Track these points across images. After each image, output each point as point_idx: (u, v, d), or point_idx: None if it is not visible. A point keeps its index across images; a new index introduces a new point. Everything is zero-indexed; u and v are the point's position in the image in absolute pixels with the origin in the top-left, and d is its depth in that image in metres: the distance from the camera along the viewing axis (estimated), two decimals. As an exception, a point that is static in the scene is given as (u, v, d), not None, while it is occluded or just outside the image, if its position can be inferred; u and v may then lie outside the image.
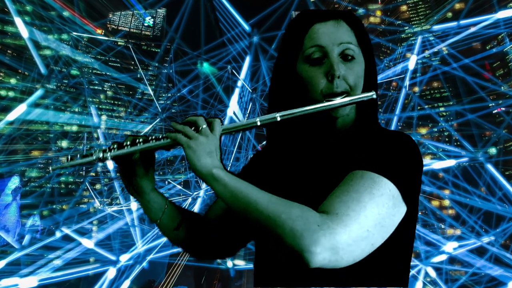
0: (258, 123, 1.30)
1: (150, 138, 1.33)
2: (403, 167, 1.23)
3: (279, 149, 1.44)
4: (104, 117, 15.13)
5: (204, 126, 1.27)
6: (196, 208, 12.50)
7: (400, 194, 1.19)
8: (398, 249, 1.28)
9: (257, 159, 1.58)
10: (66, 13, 13.51)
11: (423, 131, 14.87)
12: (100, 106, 17.27)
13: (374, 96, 1.32)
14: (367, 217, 1.13)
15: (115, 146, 1.33)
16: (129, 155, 1.33)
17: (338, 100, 1.30)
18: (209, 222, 1.55)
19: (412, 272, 10.90)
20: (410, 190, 1.23)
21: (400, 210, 1.20)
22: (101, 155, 1.31)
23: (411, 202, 1.24)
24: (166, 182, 13.50)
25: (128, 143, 1.33)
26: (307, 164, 1.38)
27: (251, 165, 1.58)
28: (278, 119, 1.29)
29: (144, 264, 11.95)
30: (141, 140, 1.32)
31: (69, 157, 1.33)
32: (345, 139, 1.37)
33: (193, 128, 1.28)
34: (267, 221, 1.14)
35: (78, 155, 1.33)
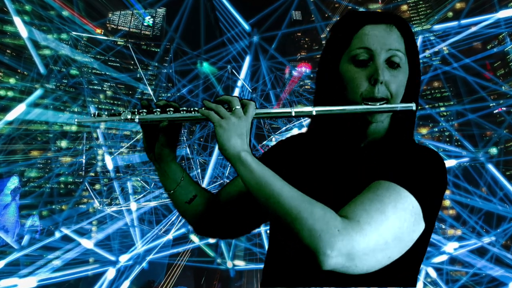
0: (293, 114, 1.30)
1: (181, 109, 1.32)
2: (428, 185, 1.22)
3: (310, 143, 1.44)
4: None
5: (238, 107, 1.26)
6: None
7: (421, 212, 1.19)
8: (409, 262, 1.27)
9: (287, 145, 1.56)
10: (65, 13, 13.50)
11: (424, 131, 14.87)
12: (99, 106, 17.25)
13: (414, 108, 1.31)
14: (388, 229, 1.13)
15: (145, 110, 1.31)
16: (156, 121, 1.31)
17: (377, 106, 1.29)
18: (222, 201, 1.54)
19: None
20: (431, 209, 1.23)
21: (419, 227, 1.20)
22: (129, 116, 1.29)
23: (430, 221, 1.23)
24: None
25: (159, 109, 1.31)
26: (333, 164, 1.37)
27: (276, 151, 1.56)
28: (314, 113, 1.29)
29: (144, 264, 11.95)
30: (171, 109, 1.31)
31: (96, 113, 1.31)
32: (376, 147, 1.37)
33: (226, 107, 1.28)
34: (287, 215, 1.13)
35: (106, 113, 1.31)
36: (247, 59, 13.06)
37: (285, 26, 13.92)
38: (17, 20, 11.48)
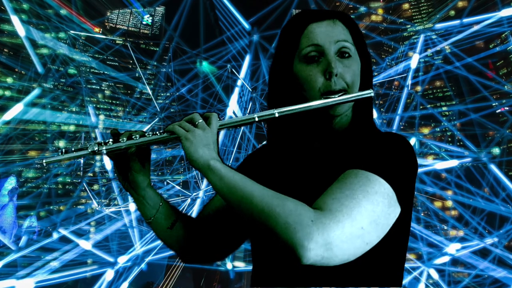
0: (256, 119, 1.31)
1: (146, 133, 1.33)
2: (398, 168, 1.23)
3: (276, 147, 1.45)
4: (102, 117, 15.11)
5: (200, 120, 1.29)
6: (195, 209, 12.44)
7: (395, 195, 1.19)
8: (392, 251, 1.28)
9: (255, 157, 1.58)
10: (63, 11, 13.56)
11: (426, 131, 14.94)
12: (98, 106, 17.22)
13: (372, 95, 1.35)
14: (361, 214, 1.13)
15: (111, 140, 1.32)
16: (124, 149, 1.32)
17: (336, 97, 1.31)
18: (202, 223, 1.53)
19: (415, 273, 10.94)
20: (405, 191, 1.23)
21: (395, 210, 1.20)
22: (96, 148, 1.29)
23: (406, 204, 1.24)
24: (165, 183, 13.50)
25: (125, 138, 1.31)
26: (303, 162, 1.39)
27: (248, 162, 1.57)
28: (276, 115, 1.31)
29: (143, 266, 11.92)
30: (137, 135, 1.32)
31: (63, 150, 1.31)
32: (341, 139, 1.38)
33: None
34: (261, 214, 1.13)
35: (73, 148, 1.32)
36: (247, 58, 13.04)
37: (281, 28, 13.84)
38: (14, 18, 11.43)
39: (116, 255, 11.58)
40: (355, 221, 1.11)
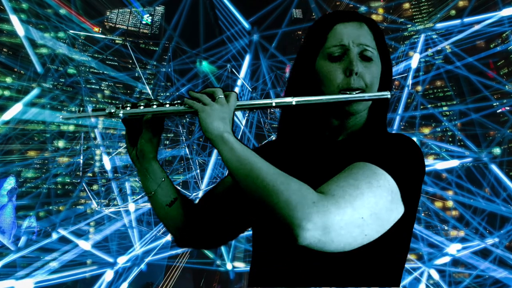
0: (273, 104, 1.35)
1: (164, 103, 1.35)
2: (405, 167, 1.25)
3: (288, 140, 1.49)
4: (101, 117, 15.04)
5: (221, 96, 1.32)
6: None
7: (399, 192, 1.20)
8: (392, 251, 1.30)
9: (266, 148, 1.59)
10: (62, 11, 13.55)
11: (426, 130, 14.92)
12: (97, 106, 17.15)
13: (389, 96, 1.38)
14: (363, 204, 1.14)
15: (129, 105, 1.35)
16: (141, 115, 1.35)
17: (354, 94, 1.35)
18: (201, 207, 1.55)
19: (415, 274, 10.96)
20: (410, 191, 1.25)
21: (398, 208, 1.21)
22: (113, 110, 1.32)
23: (410, 205, 1.25)
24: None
25: (142, 104, 1.34)
26: (313, 157, 1.42)
27: (259, 150, 1.57)
28: (293, 103, 1.35)
29: (142, 266, 11.97)
30: (155, 103, 1.35)
31: (81, 108, 1.22)
32: (355, 139, 1.42)
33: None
34: (265, 189, 1.15)
35: (90, 109, 1.34)
36: (247, 58, 13.08)
37: (285, 25, 13.95)
38: (13, 18, 11.42)
39: (115, 255, 11.61)
40: (356, 210, 1.13)
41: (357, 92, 1.35)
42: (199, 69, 14.01)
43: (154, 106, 1.34)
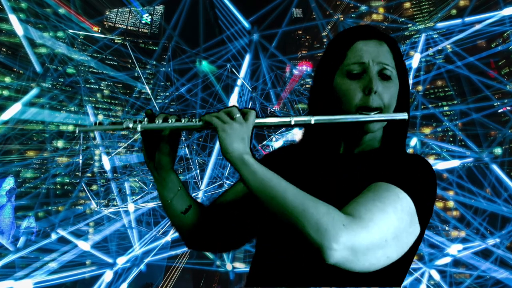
0: (292, 123, 1.35)
1: (182, 118, 1.35)
2: (422, 189, 1.27)
3: (307, 151, 1.49)
4: (100, 117, 15.12)
5: (238, 115, 1.30)
6: None
7: (416, 215, 1.24)
8: (399, 267, 1.30)
9: (279, 154, 1.61)
10: (61, 10, 13.58)
11: (427, 130, 14.95)
12: (96, 105, 17.20)
13: (406, 117, 1.38)
14: (388, 228, 1.17)
15: (146, 119, 1.35)
16: (158, 130, 1.36)
17: (372, 115, 1.35)
18: (213, 212, 1.57)
19: (416, 274, 10.96)
20: (425, 213, 1.28)
21: (415, 230, 1.25)
22: (131, 125, 1.32)
23: (423, 226, 1.28)
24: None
25: (160, 120, 1.34)
26: (329, 172, 1.42)
27: (271, 158, 1.59)
28: (312, 122, 1.35)
29: (142, 266, 11.96)
30: (173, 118, 1.35)
31: (98, 121, 1.34)
32: (370, 155, 1.42)
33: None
34: (293, 212, 1.16)
35: (107, 122, 1.35)
36: (247, 58, 13.07)
37: (285, 24, 13.99)
38: (12, 18, 11.43)
39: (115, 256, 11.60)
40: (382, 233, 1.16)
41: (375, 112, 1.36)
42: (199, 69, 14.01)
43: (172, 121, 1.34)
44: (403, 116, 1.37)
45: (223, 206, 1.57)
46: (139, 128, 1.33)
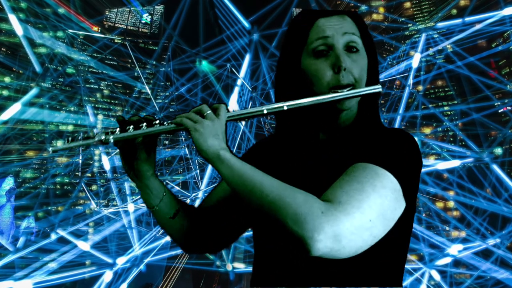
0: (265, 111, 1.32)
1: (154, 122, 1.33)
2: (404, 163, 1.25)
3: (283, 139, 1.47)
4: (100, 117, 15.11)
5: (209, 111, 1.29)
6: None
7: (401, 189, 1.21)
8: (394, 247, 1.30)
9: (260, 147, 1.60)
10: (61, 10, 13.58)
11: (427, 130, 14.95)
12: (96, 105, 17.16)
13: (381, 90, 1.36)
14: (370, 207, 1.14)
15: (118, 129, 1.33)
16: (131, 139, 1.33)
17: (345, 92, 1.32)
18: (203, 213, 1.56)
19: (416, 275, 10.94)
20: (410, 187, 1.25)
21: (401, 205, 1.22)
22: (103, 137, 1.31)
23: (410, 200, 1.25)
24: (164, 183, 13.43)
25: (131, 126, 1.32)
26: (309, 155, 1.41)
27: (253, 152, 1.59)
28: (285, 108, 1.32)
29: (142, 267, 11.94)
30: (144, 124, 1.32)
31: (70, 138, 1.34)
32: (348, 133, 1.40)
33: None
34: (271, 204, 1.14)
35: (80, 137, 1.34)
36: (247, 57, 13.05)
37: (285, 24, 13.87)
38: (12, 17, 11.41)
39: (114, 256, 11.57)
40: (364, 214, 1.13)
41: (347, 89, 1.33)
42: (199, 69, 14.01)
43: (144, 126, 1.32)
44: (378, 88, 1.35)
45: (212, 206, 1.56)
46: (111, 139, 1.31)
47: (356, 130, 1.40)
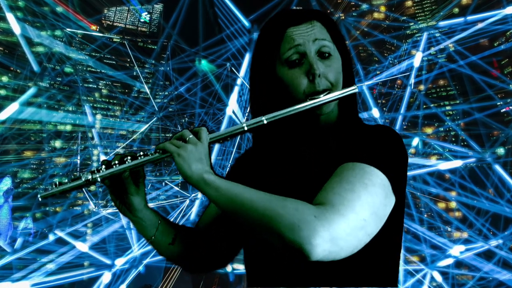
0: (246, 128, 1.33)
1: (138, 154, 1.34)
2: (390, 158, 1.27)
3: (265, 150, 1.47)
4: (99, 116, 15.12)
5: (191, 136, 1.30)
6: (194, 210, 12.53)
7: (390, 185, 1.22)
8: (387, 243, 1.31)
9: (242, 162, 1.62)
10: (59, 9, 13.62)
11: (429, 130, 14.98)
12: (94, 105, 17.23)
13: (357, 91, 1.38)
14: (362, 206, 1.15)
15: (103, 166, 1.34)
16: (118, 174, 1.33)
17: (321, 98, 1.34)
18: (200, 232, 1.57)
19: (418, 276, 10.95)
20: (398, 181, 1.27)
21: (391, 200, 1.23)
22: (89, 177, 1.32)
23: (399, 194, 1.27)
24: (163, 184, 13.46)
25: (116, 162, 1.33)
26: (294, 163, 1.42)
27: (237, 168, 1.61)
28: (265, 122, 1.33)
29: (141, 268, 11.89)
30: (129, 158, 1.33)
31: (57, 182, 1.33)
32: (330, 135, 1.42)
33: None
34: (263, 218, 1.14)
35: (67, 179, 1.34)
36: (247, 57, 12.98)
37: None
38: (9, 16, 11.36)
39: (113, 257, 11.53)
40: (357, 214, 1.14)
41: (324, 94, 1.35)
42: (198, 68, 14.05)
43: (129, 160, 1.33)
44: (354, 90, 1.37)
45: (207, 226, 1.57)
46: (98, 178, 1.31)
47: (338, 131, 1.42)
